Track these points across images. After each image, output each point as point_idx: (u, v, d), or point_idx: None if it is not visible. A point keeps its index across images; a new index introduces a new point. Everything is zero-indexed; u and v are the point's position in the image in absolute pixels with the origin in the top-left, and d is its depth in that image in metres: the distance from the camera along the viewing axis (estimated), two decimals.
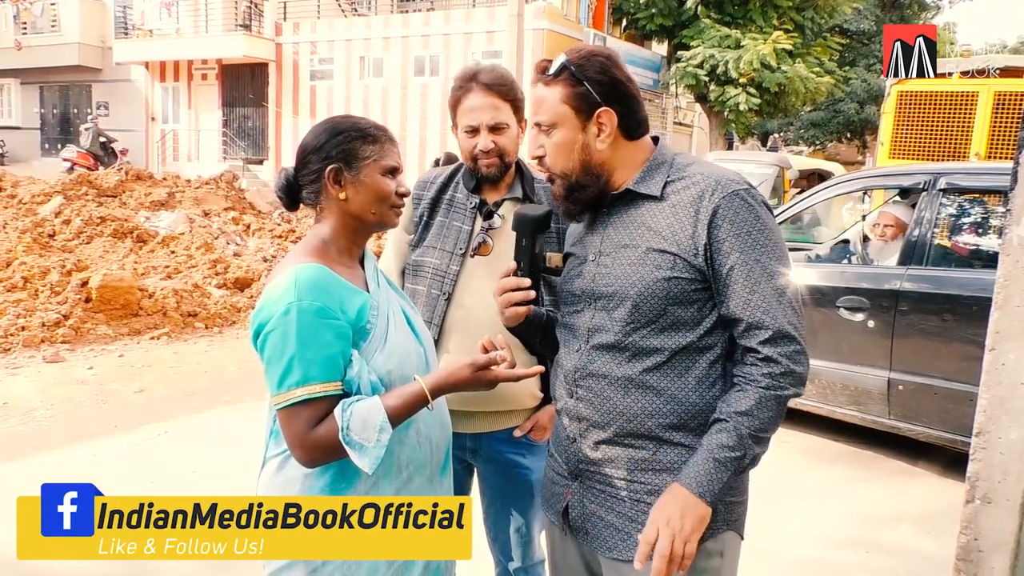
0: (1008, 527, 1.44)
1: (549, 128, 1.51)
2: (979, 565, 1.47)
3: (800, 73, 15.52)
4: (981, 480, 1.46)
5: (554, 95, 1.49)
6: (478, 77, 2.01)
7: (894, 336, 4.30)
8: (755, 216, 1.42)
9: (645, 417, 1.46)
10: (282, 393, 1.38)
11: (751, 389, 1.39)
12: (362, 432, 1.35)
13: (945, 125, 7.64)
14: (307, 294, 1.38)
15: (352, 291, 1.47)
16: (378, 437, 1.36)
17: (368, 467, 1.35)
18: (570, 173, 1.51)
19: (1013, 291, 1.39)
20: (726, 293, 1.42)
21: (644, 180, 1.51)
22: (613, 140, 1.50)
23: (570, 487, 1.58)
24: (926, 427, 4.26)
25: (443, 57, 19.10)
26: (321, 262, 1.46)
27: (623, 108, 1.49)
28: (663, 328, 1.44)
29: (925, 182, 4.49)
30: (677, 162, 1.53)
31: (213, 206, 12.39)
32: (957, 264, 4.57)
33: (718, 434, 1.39)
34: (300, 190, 1.56)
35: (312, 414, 1.37)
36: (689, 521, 1.37)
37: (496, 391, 2.01)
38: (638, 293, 1.44)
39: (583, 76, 1.47)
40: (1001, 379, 1.41)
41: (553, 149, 1.51)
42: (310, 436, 1.37)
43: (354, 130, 1.52)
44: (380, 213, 1.54)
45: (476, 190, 2.08)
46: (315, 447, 1.37)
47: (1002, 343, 1.40)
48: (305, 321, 1.37)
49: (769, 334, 1.39)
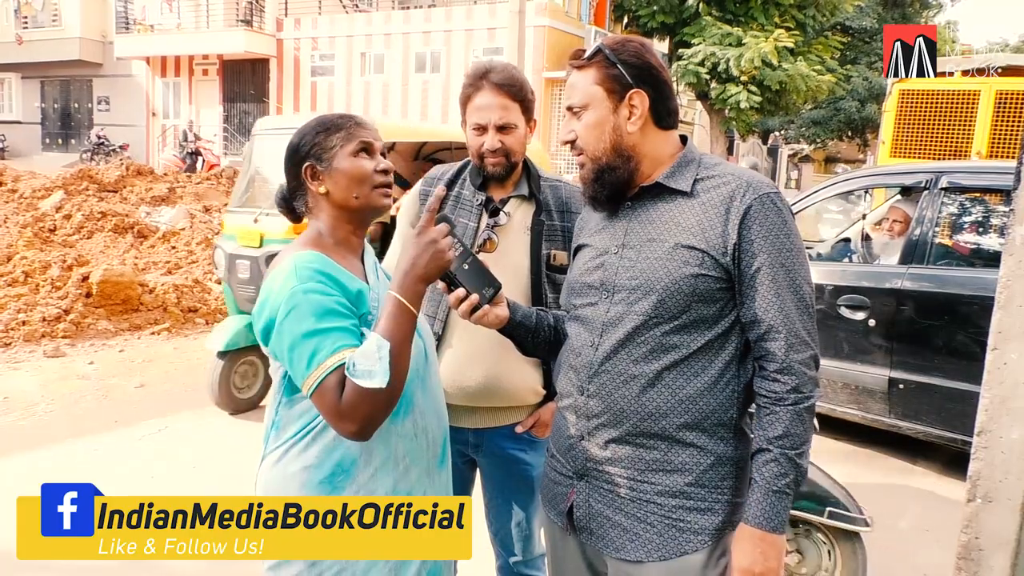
0: (1009, 526, 1.44)
1: (581, 110, 1.51)
2: (980, 564, 1.47)
3: (801, 71, 15.48)
4: (982, 479, 1.46)
5: (587, 78, 1.50)
6: (489, 76, 2.01)
7: (895, 335, 4.31)
8: (783, 221, 1.43)
9: (660, 416, 1.45)
10: (314, 370, 1.35)
11: (780, 410, 1.40)
12: (364, 362, 1.33)
13: (947, 124, 7.63)
14: (308, 277, 1.39)
15: (351, 278, 1.47)
16: (379, 355, 1.33)
17: (381, 382, 1.31)
18: (601, 155, 1.51)
19: (1016, 291, 1.39)
20: (750, 294, 1.42)
21: (674, 175, 1.51)
22: (644, 124, 1.50)
23: (575, 486, 1.57)
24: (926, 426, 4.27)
25: (444, 54, 19.08)
26: (318, 251, 1.47)
27: (655, 93, 1.50)
28: (684, 325, 1.44)
29: (927, 181, 4.49)
30: (705, 161, 1.54)
31: (214, 201, 12.39)
32: (958, 263, 4.56)
33: (768, 465, 1.40)
34: (294, 201, 1.59)
35: (339, 380, 1.34)
36: (773, 560, 1.39)
37: (498, 387, 2.03)
38: (664, 288, 1.43)
39: (617, 59, 1.48)
40: (1003, 379, 1.41)
41: (584, 131, 1.51)
42: (343, 403, 1.33)
43: (317, 126, 1.54)
44: (363, 195, 1.52)
45: (482, 187, 2.08)
46: (350, 410, 1.33)
47: (1004, 343, 1.40)
48: (314, 299, 1.37)
49: (787, 339, 1.39)
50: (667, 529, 1.46)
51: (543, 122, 18.04)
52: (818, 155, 29.85)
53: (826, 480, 2.87)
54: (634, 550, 1.48)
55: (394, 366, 1.33)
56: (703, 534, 1.46)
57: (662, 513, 1.46)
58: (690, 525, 1.45)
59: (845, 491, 2.85)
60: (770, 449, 1.39)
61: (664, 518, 1.46)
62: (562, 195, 2.12)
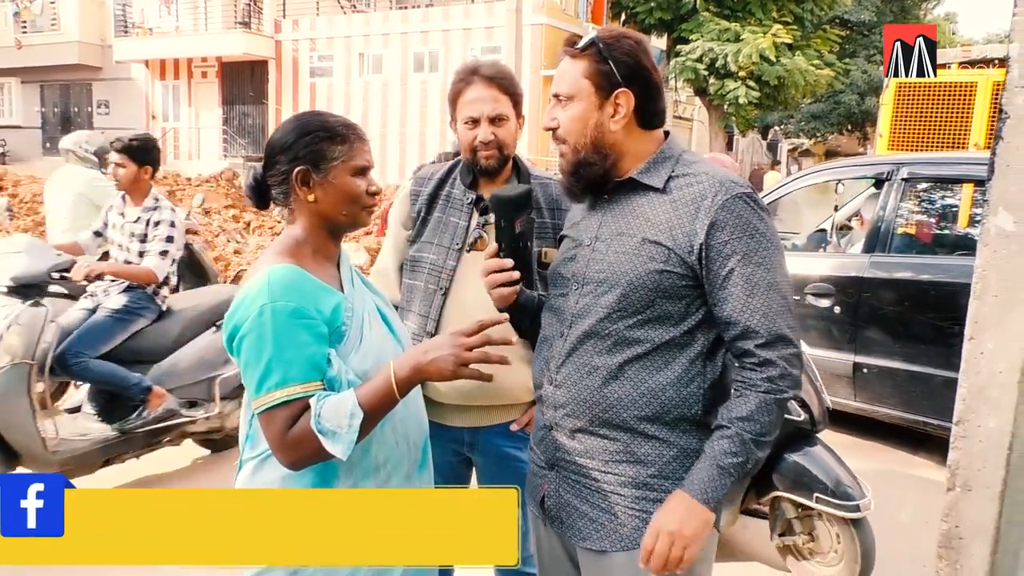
0: (988, 514, 1.45)
1: (567, 100, 1.52)
2: (960, 552, 1.49)
3: (800, 65, 15.48)
4: (961, 468, 1.48)
5: (577, 68, 1.50)
6: (479, 71, 2.03)
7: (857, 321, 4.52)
8: (756, 220, 1.42)
9: (621, 408, 1.46)
10: (261, 396, 1.35)
11: (751, 394, 1.40)
12: (333, 419, 1.32)
13: (944, 116, 7.64)
14: (281, 295, 1.36)
15: (326, 291, 1.44)
16: (350, 423, 1.32)
17: (341, 454, 1.32)
18: (580, 148, 1.52)
19: (991, 281, 1.40)
20: (723, 296, 1.42)
21: (649, 171, 1.52)
22: (627, 124, 1.51)
23: (547, 477, 1.59)
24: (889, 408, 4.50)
25: (442, 53, 19.10)
26: (294, 262, 1.43)
27: (642, 93, 1.50)
28: (648, 320, 1.45)
29: (888, 172, 4.68)
30: (684, 158, 1.54)
31: (214, 204, 12.41)
32: (918, 251, 4.80)
33: (720, 441, 1.40)
34: (269, 189, 1.53)
35: (291, 414, 1.34)
36: (690, 527, 1.38)
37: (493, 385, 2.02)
38: (628, 282, 1.45)
39: (609, 55, 1.48)
40: (980, 368, 1.43)
41: (568, 121, 1.52)
42: (289, 436, 1.34)
43: (322, 130, 1.48)
44: (351, 214, 1.51)
45: (473, 185, 2.09)
46: (295, 445, 1.34)
47: (980, 332, 1.42)
48: (280, 322, 1.34)
49: (765, 338, 1.39)
50: (631, 519, 1.47)
51: (542, 119, 17.99)
52: (818, 149, 29.80)
53: (830, 464, 2.95)
54: (599, 540, 1.50)
55: (359, 437, 1.34)
56: None
57: (625, 504, 1.48)
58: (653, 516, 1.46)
59: (850, 474, 2.91)
60: (729, 427, 1.40)
61: (628, 509, 1.47)
62: (552, 192, 2.12)
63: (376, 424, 1.40)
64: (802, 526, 3.02)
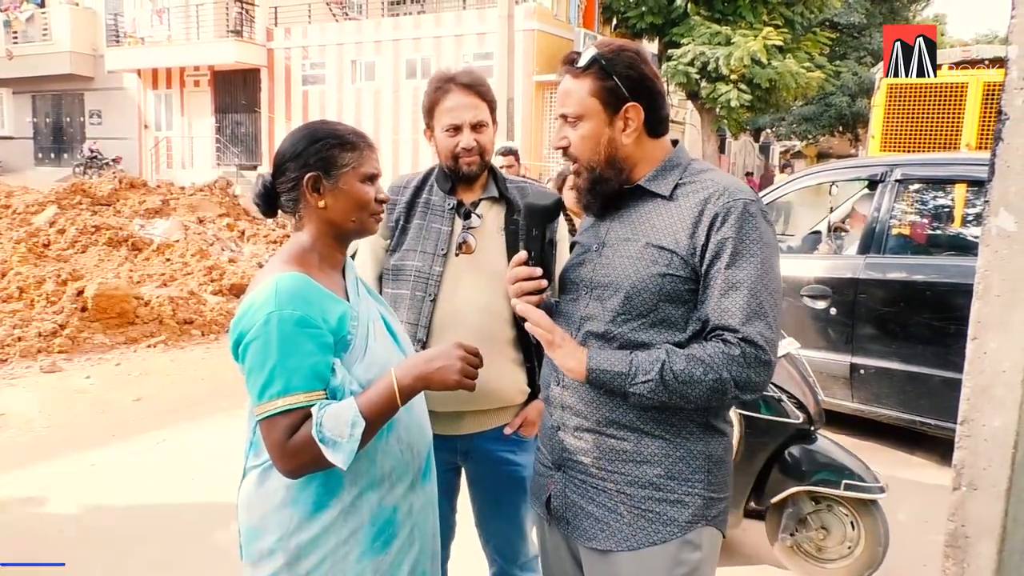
0: (994, 513, 1.45)
1: (576, 120, 1.52)
2: (967, 551, 1.49)
3: (791, 68, 15.54)
4: (967, 467, 1.48)
5: (582, 88, 1.51)
6: (456, 79, 2.04)
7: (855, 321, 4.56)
8: (754, 227, 1.42)
9: (627, 408, 1.48)
10: (263, 404, 1.36)
11: (711, 348, 1.38)
12: (335, 428, 1.32)
13: (935, 117, 7.69)
14: (288, 303, 1.37)
15: (333, 300, 1.45)
16: (351, 432, 1.33)
17: (342, 463, 1.33)
18: (595, 166, 1.53)
19: (993, 281, 1.41)
20: (706, 295, 1.42)
21: (656, 179, 1.53)
22: (638, 136, 1.52)
23: (553, 477, 1.61)
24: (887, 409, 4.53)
25: (434, 60, 19.12)
26: (301, 270, 1.44)
27: (649, 104, 1.51)
28: (652, 324, 1.46)
29: (882, 173, 4.72)
30: (692, 167, 1.55)
31: (208, 213, 12.38)
32: (913, 251, 4.82)
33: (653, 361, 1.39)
34: (278, 197, 1.55)
35: (292, 422, 1.35)
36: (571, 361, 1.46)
37: (486, 389, 2.02)
38: (632, 286, 1.46)
39: (612, 71, 1.49)
40: (984, 367, 1.43)
41: (579, 141, 1.53)
42: (289, 444, 1.34)
43: (332, 137, 1.51)
44: (360, 220, 1.53)
45: (451, 191, 2.10)
46: (294, 454, 1.35)
47: (983, 332, 1.42)
48: (286, 331, 1.35)
49: (737, 337, 1.37)
50: (636, 519, 1.48)
51: (535, 124, 18.07)
52: (810, 151, 29.94)
53: (840, 452, 2.99)
54: (604, 539, 1.50)
55: (360, 446, 1.35)
56: (672, 525, 1.47)
57: (631, 503, 1.48)
58: (659, 516, 1.47)
59: (860, 462, 2.97)
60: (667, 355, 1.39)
61: (633, 508, 1.48)
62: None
63: (377, 432, 1.40)
64: (816, 521, 3.04)
